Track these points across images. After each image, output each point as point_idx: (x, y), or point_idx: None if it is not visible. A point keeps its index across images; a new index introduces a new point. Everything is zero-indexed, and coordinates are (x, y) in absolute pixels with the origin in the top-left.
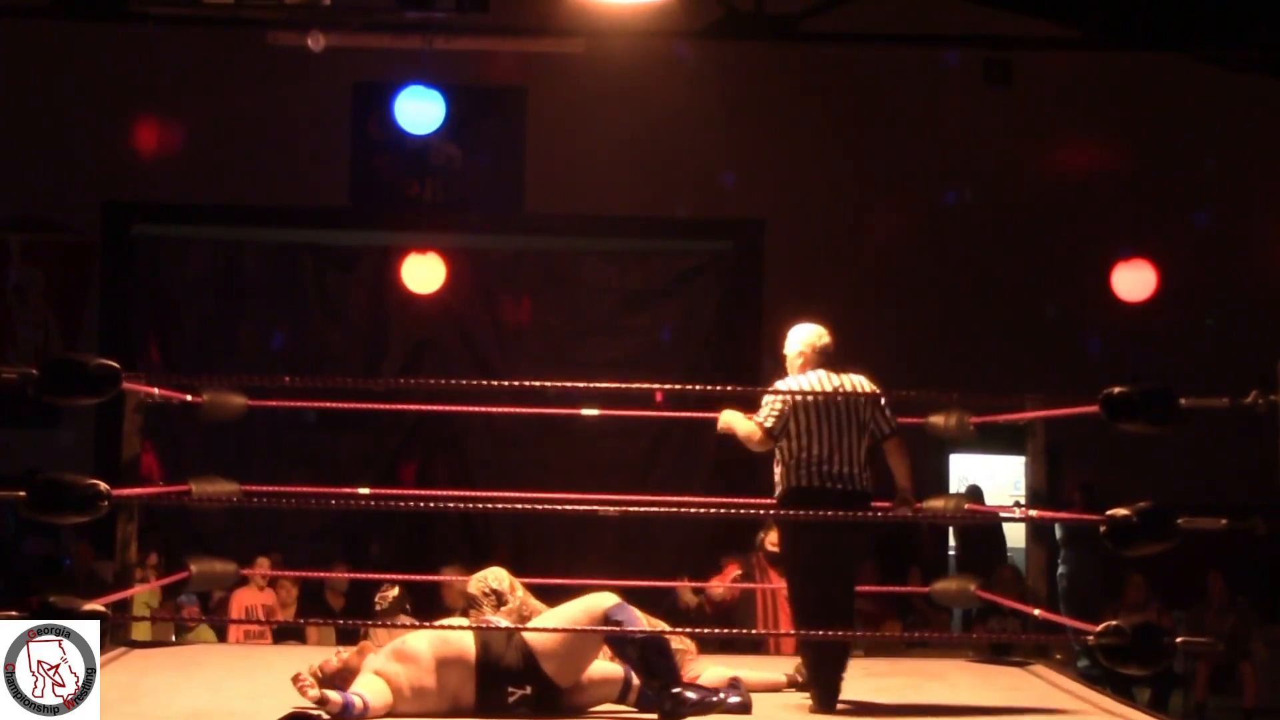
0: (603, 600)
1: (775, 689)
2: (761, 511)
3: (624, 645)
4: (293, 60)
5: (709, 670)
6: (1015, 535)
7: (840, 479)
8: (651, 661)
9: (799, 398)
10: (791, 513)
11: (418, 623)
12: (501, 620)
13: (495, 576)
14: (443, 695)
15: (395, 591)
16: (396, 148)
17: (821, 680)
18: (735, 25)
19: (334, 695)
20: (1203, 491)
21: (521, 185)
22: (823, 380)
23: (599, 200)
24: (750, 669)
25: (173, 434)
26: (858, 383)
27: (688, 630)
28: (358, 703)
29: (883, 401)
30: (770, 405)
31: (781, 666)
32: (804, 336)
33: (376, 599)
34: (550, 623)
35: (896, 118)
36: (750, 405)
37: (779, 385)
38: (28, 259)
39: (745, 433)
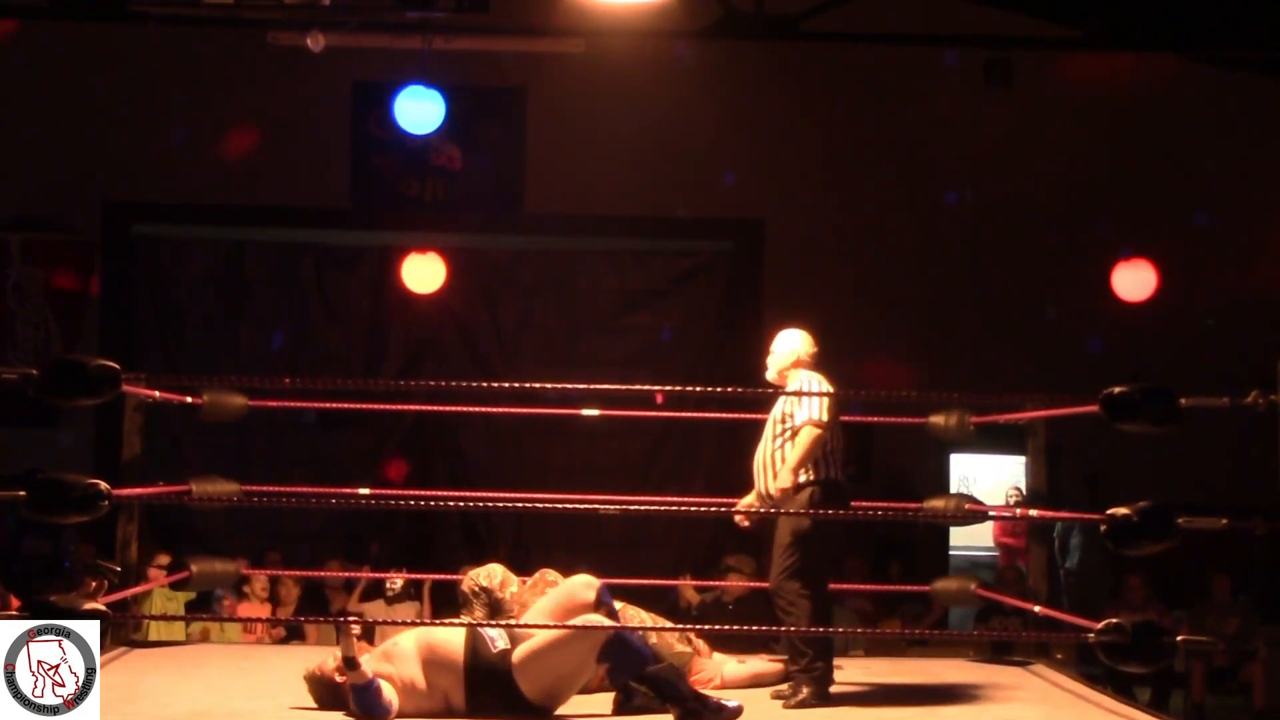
0: (581, 593)
1: None
2: (761, 510)
3: (627, 689)
4: (293, 60)
5: (727, 666)
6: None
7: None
8: (663, 693)
9: (836, 396)
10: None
11: (417, 621)
12: (492, 626)
13: (487, 574)
14: (434, 696)
15: (401, 583)
16: (396, 148)
17: (826, 674)
18: (735, 25)
19: (365, 669)
20: (1203, 491)
21: (521, 185)
22: (826, 383)
23: (599, 200)
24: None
25: (173, 434)
26: None
27: (691, 629)
28: (385, 689)
29: None
30: (823, 402)
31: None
32: (802, 342)
33: (387, 589)
34: (532, 620)
35: (896, 118)
36: (752, 406)
37: (815, 386)
38: (28, 259)
39: (811, 445)
